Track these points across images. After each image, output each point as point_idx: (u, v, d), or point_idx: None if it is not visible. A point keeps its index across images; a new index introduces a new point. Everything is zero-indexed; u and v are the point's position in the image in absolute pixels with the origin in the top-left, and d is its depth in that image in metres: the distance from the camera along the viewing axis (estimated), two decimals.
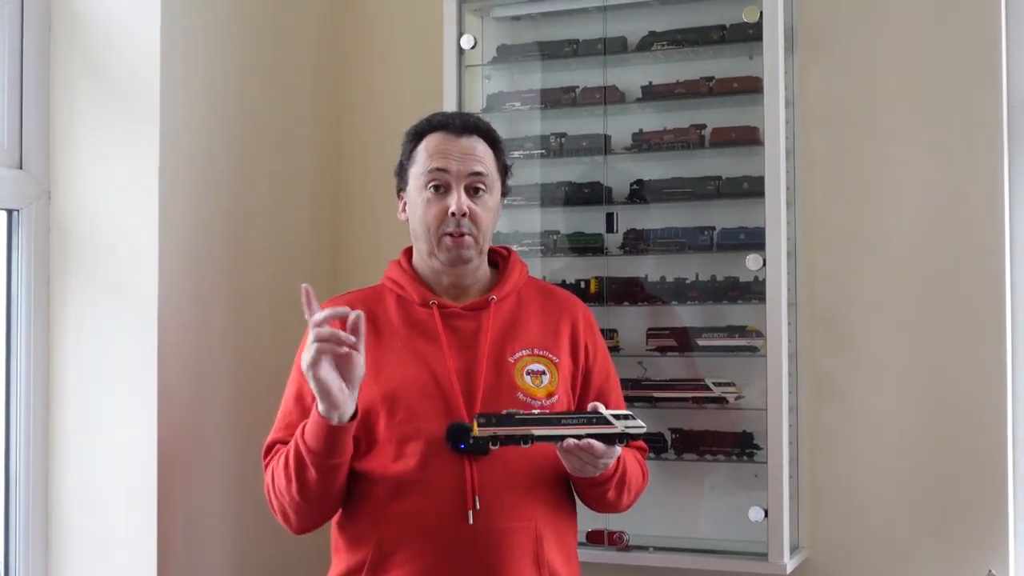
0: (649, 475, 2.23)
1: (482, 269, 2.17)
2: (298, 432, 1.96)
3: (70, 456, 2.40)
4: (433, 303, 2.10)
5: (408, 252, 2.21)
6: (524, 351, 2.10)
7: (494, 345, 2.08)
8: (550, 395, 2.07)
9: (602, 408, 1.95)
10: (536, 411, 1.98)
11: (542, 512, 2.03)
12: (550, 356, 2.11)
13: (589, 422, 1.92)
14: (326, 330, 1.84)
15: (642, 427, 1.93)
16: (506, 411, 1.95)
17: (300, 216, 2.87)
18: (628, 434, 1.92)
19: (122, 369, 2.38)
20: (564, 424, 1.91)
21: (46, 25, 2.43)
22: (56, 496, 2.40)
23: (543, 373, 2.09)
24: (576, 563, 2.15)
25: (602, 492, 2.06)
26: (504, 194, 2.19)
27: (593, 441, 1.90)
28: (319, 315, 1.86)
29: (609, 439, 1.92)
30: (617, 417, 1.92)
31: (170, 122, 2.39)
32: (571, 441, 1.90)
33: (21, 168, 2.39)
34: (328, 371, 1.85)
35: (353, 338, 1.86)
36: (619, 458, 2.03)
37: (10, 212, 2.38)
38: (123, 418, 2.37)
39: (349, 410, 1.90)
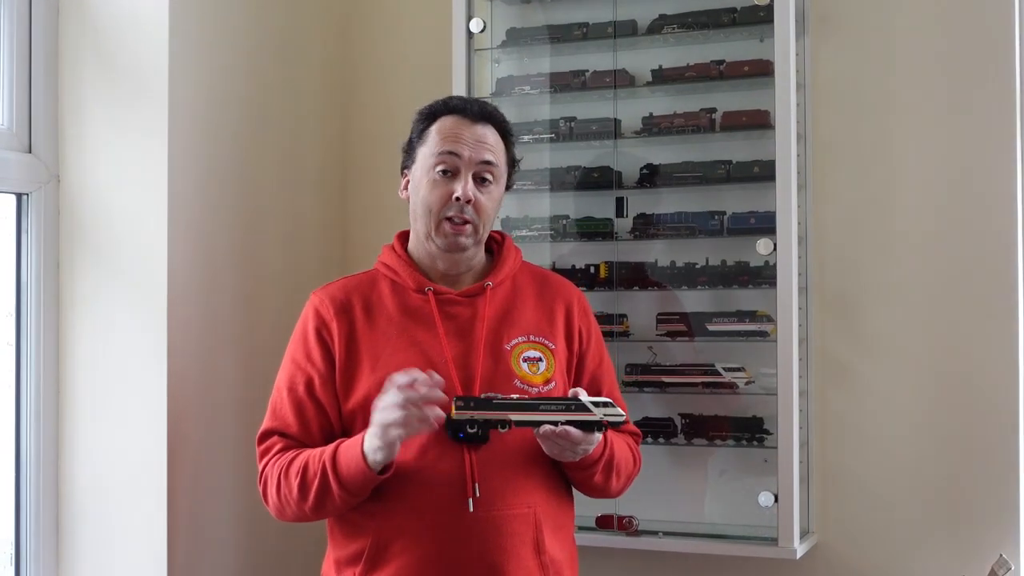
0: (642, 461, 2.21)
1: (478, 256, 2.16)
2: (327, 458, 1.95)
3: (80, 442, 2.40)
4: (429, 289, 2.08)
5: (402, 237, 2.19)
6: (520, 338, 2.09)
7: (490, 332, 2.07)
8: (547, 381, 2.07)
9: (582, 395, 1.95)
10: (515, 396, 1.98)
11: (541, 499, 2.03)
12: (546, 343, 2.10)
13: (567, 408, 1.92)
14: (414, 396, 1.85)
15: (621, 415, 1.94)
16: (485, 395, 1.96)
17: (308, 199, 2.86)
18: (606, 422, 1.93)
19: (131, 353, 2.38)
20: (542, 410, 1.92)
21: (54, 8, 2.42)
22: (66, 482, 2.41)
23: (540, 360, 2.08)
24: (574, 549, 2.15)
25: (589, 475, 2.06)
26: (508, 187, 2.18)
27: (570, 428, 1.91)
28: (404, 378, 1.87)
29: (587, 426, 1.92)
30: (596, 404, 1.93)
31: (179, 106, 2.39)
32: (548, 427, 1.91)
33: (30, 152, 2.39)
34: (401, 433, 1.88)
35: (438, 420, 1.88)
36: (607, 442, 2.03)
37: (19, 196, 2.37)
38: (133, 403, 2.37)
39: (392, 457, 1.92)
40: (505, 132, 2.15)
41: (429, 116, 2.12)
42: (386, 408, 1.87)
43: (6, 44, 2.36)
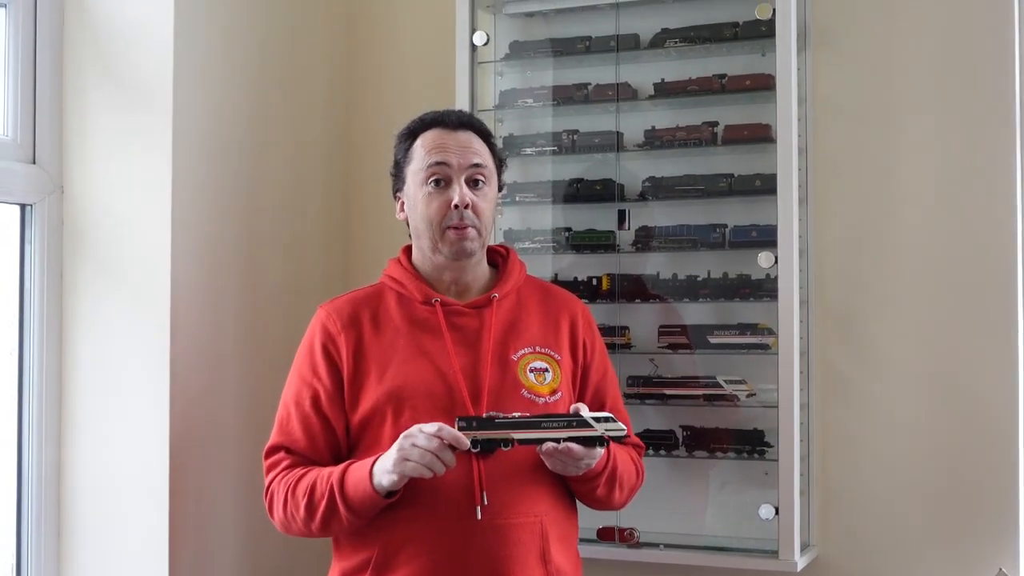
0: (645, 473, 2.22)
1: (482, 267, 2.17)
2: (335, 480, 1.97)
3: (82, 449, 2.41)
4: (436, 300, 2.10)
5: (408, 250, 2.20)
6: (526, 349, 2.10)
7: (497, 343, 2.08)
8: (554, 392, 2.08)
9: (584, 411, 1.96)
10: (517, 413, 1.99)
11: (547, 508, 2.04)
12: (552, 354, 2.12)
13: (569, 425, 1.93)
14: (448, 456, 1.89)
15: (622, 430, 1.95)
16: (487, 414, 1.97)
17: (312, 211, 2.87)
18: (608, 437, 1.94)
19: (134, 363, 2.38)
20: (544, 427, 1.93)
21: (59, 20, 2.43)
22: (68, 488, 2.41)
23: (546, 370, 2.09)
24: (579, 560, 2.15)
25: (592, 488, 2.07)
26: (500, 188, 2.19)
27: (572, 444, 1.92)
28: (446, 432, 1.89)
29: (589, 442, 1.93)
30: (598, 420, 1.94)
31: (182, 117, 2.39)
32: (550, 444, 1.92)
33: (34, 163, 2.40)
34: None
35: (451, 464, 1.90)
36: (610, 455, 2.04)
37: (23, 207, 2.38)
38: (135, 411, 2.38)
39: (397, 487, 1.93)
40: (486, 135, 2.17)
41: (409, 135, 2.14)
42: (415, 446, 1.88)
43: (11, 55, 2.37)
